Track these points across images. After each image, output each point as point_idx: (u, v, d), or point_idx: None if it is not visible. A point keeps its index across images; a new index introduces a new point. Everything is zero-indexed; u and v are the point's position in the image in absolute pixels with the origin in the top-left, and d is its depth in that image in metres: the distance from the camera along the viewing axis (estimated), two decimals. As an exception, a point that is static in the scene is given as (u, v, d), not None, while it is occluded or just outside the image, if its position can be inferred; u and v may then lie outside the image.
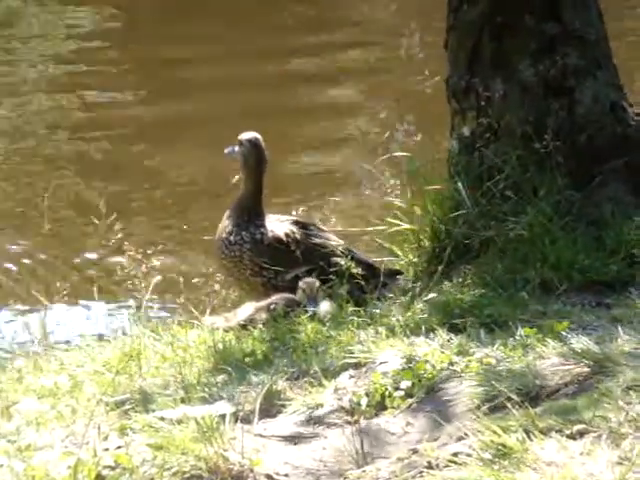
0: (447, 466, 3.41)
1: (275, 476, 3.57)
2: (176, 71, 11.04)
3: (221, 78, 10.77)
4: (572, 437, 3.45)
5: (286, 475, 3.59)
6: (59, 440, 3.72)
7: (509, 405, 3.60)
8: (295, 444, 3.79)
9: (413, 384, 4.00)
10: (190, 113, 9.99)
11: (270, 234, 5.22)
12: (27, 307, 5.87)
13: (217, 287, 5.24)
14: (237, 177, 5.34)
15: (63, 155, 9.16)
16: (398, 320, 4.60)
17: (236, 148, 5.31)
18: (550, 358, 3.99)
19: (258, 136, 5.30)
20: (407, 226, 5.35)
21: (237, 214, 5.26)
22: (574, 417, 3.53)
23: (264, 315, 4.90)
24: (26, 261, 7.20)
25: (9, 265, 6.90)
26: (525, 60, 5.28)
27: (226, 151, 5.37)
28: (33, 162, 9.01)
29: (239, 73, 10.94)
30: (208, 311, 5.02)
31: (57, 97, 10.51)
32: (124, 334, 4.70)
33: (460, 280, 4.97)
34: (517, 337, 4.27)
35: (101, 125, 9.81)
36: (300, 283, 4.99)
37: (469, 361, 4.08)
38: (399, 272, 5.33)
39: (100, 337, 4.85)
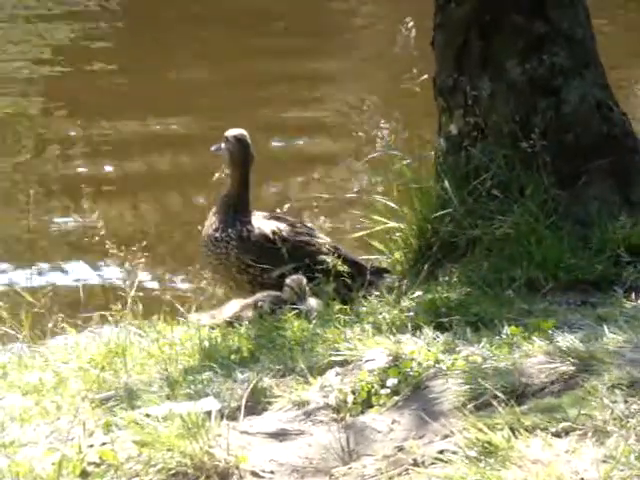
0: (433, 464, 3.41)
1: (261, 473, 3.57)
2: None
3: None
4: (557, 435, 3.46)
5: (272, 472, 3.59)
6: (44, 436, 3.70)
7: (495, 403, 3.61)
8: (281, 441, 3.78)
9: (399, 382, 4.00)
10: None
11: (257, 231, 5.20)
12: (11, 303, 5.84)
13: (203, 284, 5.23)
14: (217, 175, 5.32)
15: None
16: (385, 318, 4.60)
17: (222, 145, 5.30)
18: (536, 356, 4.00)
19: (244, 132, 5.29)
20: (394, 224, 5.35)
21: (223, 211, 5.24)
22: (559, 415, 3.53)
23: (250, 312, 4.89)
24: (8, 259, 7.18)
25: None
26: (512, 59, 5.29)
27: (212, 148, 5.36)
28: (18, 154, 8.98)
29: (226, 70, 10.94)
30: (194, 308, 5.01)
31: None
32: (109, 331, 4.68)
33: (446, 279, 4.98)
34: (503, 335, 4.27)
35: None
36: (287, 280, 4.98)
37: (455, 359, 4.08)
38: (386, 270, 5.32)
39: (85, 333, 4.82)
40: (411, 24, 5.39)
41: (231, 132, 5.30)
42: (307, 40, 12.04)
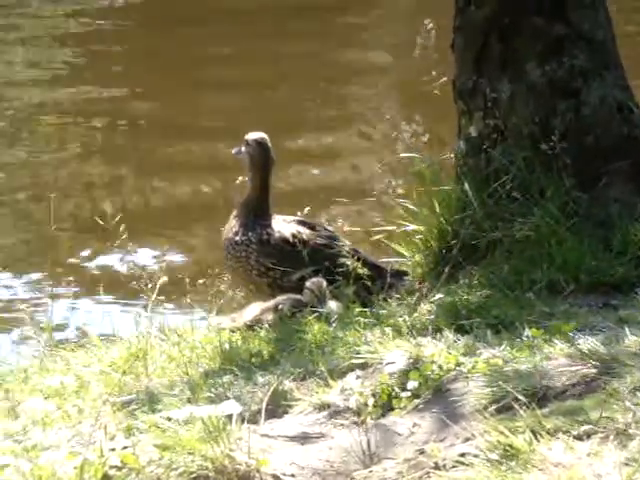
0: (454, 467, 3.41)
1: (282, 476, 3.57)
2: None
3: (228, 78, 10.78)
4: (579, 438, 3.45)
5: (292, 475, 3.59)
6: (65, 440, 3.71)
7: (516, 406, 3.60)
8: (302, 444, 3.78)
9: (420, 385, 3.99)
10: (202, 109, 10.00)
11: (277, 234, 5.21)
12: (33, 308, 5.87)
13: (223, 287, 5.24)
14: (240, 178, 5.33)
15: (70, 152, 9.17)
16: (405, 321, 4.59)
17: (243, 148, 5.31)
18: (557, 359, 3.98)
19: (265, 136, 5.29)
20: (414, 227, 5.34)
21: (244, 214, 5.26)
22: (581, 418, 3.52)
23: (270, 315, 4.90)
24: (32, 261, 7.21)
25: (15, 265, 6.91)
26: (532, 61, 5.27)
27: (233, 151, 5.37)
28: (39, 158, 9.02)
29: (243, 73, 10.95)
30: (214, 311, 5.02)
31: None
32: (131, 334, 4.69)
33: (467, 281, 4.96)
34: (524, 338, 4.26)
35: (106, 119, 9.81)
36: (307, 283, 4.98)
37: (476, 362, 4.07)
38: (405, 273, 5.32)
39: (107, 338, 4.84)
40: (430, 26, 5.39)
41: (252, 135, 5.31)
42: (324, 41, 12.06)
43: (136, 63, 11.62)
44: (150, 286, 4.76)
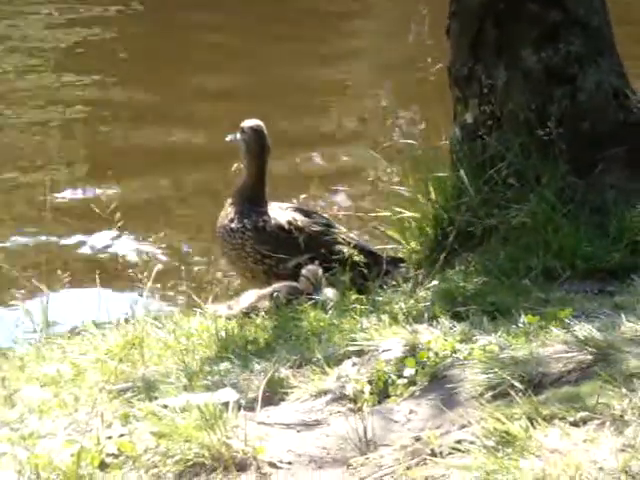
0: (450, 454, 3.41)
1: (278, 464, 3.57)
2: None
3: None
4: (575, 424, 3.45)
5: (289, 462, 3.59)
6: (62, 428, 3.71)
7: (512, 392, 3.60)
8: (298, 432, 3.78)
9: (416, 372, 3.99)
10: (196, 96, 9.98)
11: (272, 221, 5.21)
12: (28, 295, 5.86)
13: (219, 275, 5.24)
14: (236, 165, 5.32)
15: (66, 141, 9.16)
16: (401, 308, 4.59)
17: (238, 135, 5.30)
18: (553, 345, 3.99)
19: (260, 123, 5.28)
20: (410, 214, 5.34)
21: (239, 201, 5.25)
22: (577, 404, 3.52)
23: (266, 303, 4.90)
24: (27, 248, 7.20)
25: (10, 252, 6.90)
26: (528, 47, 5.26)
27: (228, 138, 5.36)
28: (37, 150, 9.00)
29: (247, 52, 10.94)
30: (210, 299, 5.02)
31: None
32: (126, 322, 4.69)
33: (463, 268, 4.96)
34: (520, 325, 4.26)
35: (101, 108, 9.80)
36: (303, 271, 4.98)
37: (472, 349, 4.07)
38: (402, 260, 5.32)
39: (102, 325, 4.84)
40: (424, 12, 5.38)
41: (247, 123, 5.29)
42: (320, 26, 12.03)
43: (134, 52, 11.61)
44: (145, 274, 4.75)
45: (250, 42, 11.23)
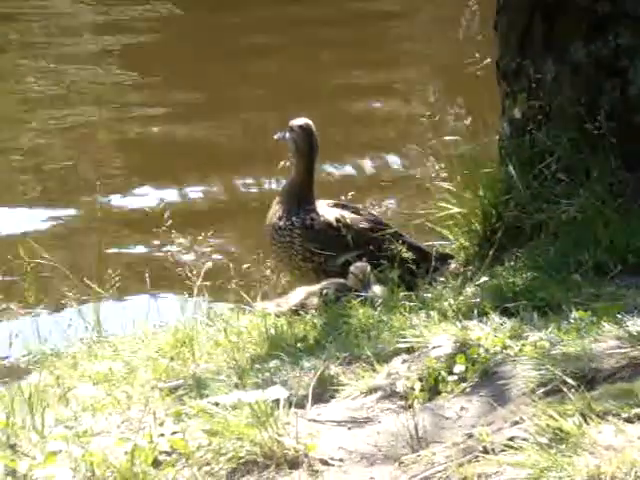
0: (503, 450, 3.39)
1: (330, 461, 3.58)
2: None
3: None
4: (630, 421, 3.42)
5: (341, 460, 3.59)
6: (115, 426, 3.75)
7: (565, 389, 3.57)
8: (349, 429, 3.78)
9: (467, 368, 3.98)
10: (241, 96, 10.01)
11: (321, 219, 5.21)
12: (80, 296, 5.92)
13: (268, 272, 5.25)
14: (282, 162, 5.33)
15: (109, 140, 9.23)
16: (450, 304, 4.58)
17: (287, 134, 5.30)
18: (605, 341, 3.95)
19: (309, 122, 5.29)
20: (458, 210, 5.32)
21: (287, 200, 5.26)
22: (631, 400, 3.49)
23: (315, 300, 4.90)
24: (77, 249, 7.27)
25: (61, 254, 6.97)
26: (577, 41, 5.22)
27: (276, 137, 5.37)
28: (79, 148, 9.09)
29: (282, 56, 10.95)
30: (259, 296, 5.04)
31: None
32: (177, 320, 4.72)
33: (512, 264, 4.93)
34: (571, 320, 4.23)
35: (147, 108, 9.87)
36: (351, 268, 4.98)
37: (523, 345, 4.04)
38: (450, 256, 5.30)
39: (153, 324, 4.87)
40: (475, 7, 5.35)
41: (296, 121, 5.30)
42: (367, 24, 12.02)
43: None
44: (195, 272, 4.78)
45: (296, 45, 11.23)
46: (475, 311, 4.45)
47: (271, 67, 10.82)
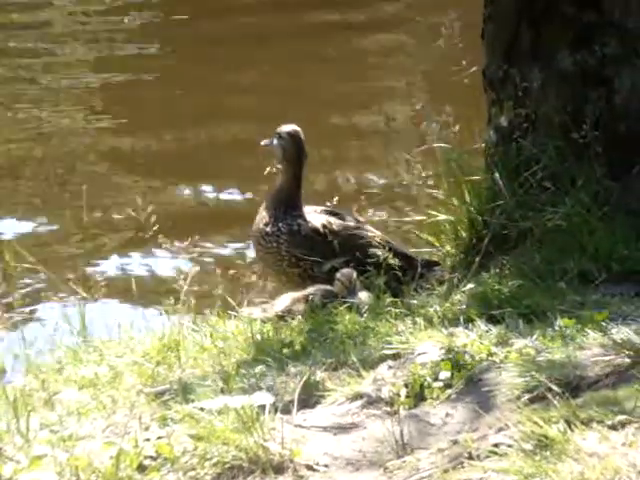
0: (488, 457, 3.40)
1: (315, 466, 3.58)
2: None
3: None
4: (614, 428, 3.43)
5: (326, 465, 3.60)
6: (100, 430, 3.74)
7: (549, 396, 3.59)
8: (335, 435, 3.79)
9: (452, 375, 3.99)
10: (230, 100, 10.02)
11: (307, 225, 5.22)
12: (65, 299, 5.91)
13: (254, 278, 5.26)
14: (268, 169, 5.33)
15: (98, 146, 9.23)
16: (436, 311, 4.59)
17: (274, 141, 5.30)
18: (590, 349, 3.97)
19: (298, 128, 5.29)
20: (444, 217, 5.33)
21: (274, 205, 5.26)
22: (615, 408, 3.51)
23: (302, 306, 4.91)
24: (63, 253, 7.26)
25: (46, 257, 6.96)
26: (563, 49, 5.25)
27: (262, 143, 5.37)
28: (67, 153, 9.08)
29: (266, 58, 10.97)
30: (245, 302, 5.04)
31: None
32: (163, 325, 4.72)
33: (498, 271, 4.95)
34: (556, 328, 4.25)
35: (130, 112, 9.87)
36: (337, 274, 4.99)
37: (508, 352, 4.06)
38: (436, 263, 5.31)
39: (138, 329, 4.87)
40: (453, 16, 5.38)
41: (284, 128, 5.29)
42: (351, 31, 12.04)
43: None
44: (182, 277, 4.78)
45: (281, 56, 11.25)
46: (461, 318, 4.47)
47: (255, 77, 10.83)
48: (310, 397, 4.02)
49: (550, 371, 3.80)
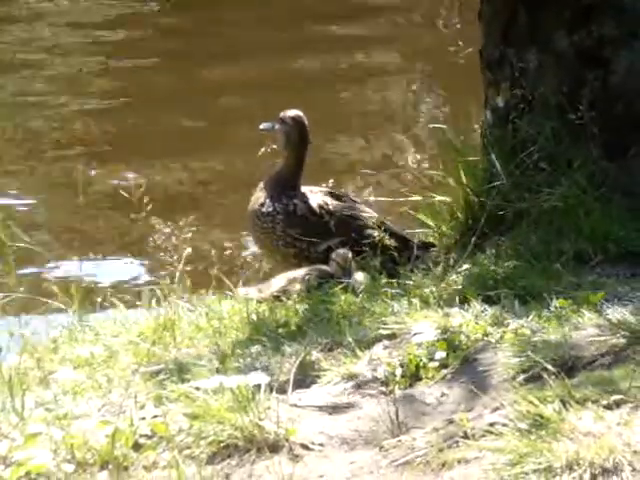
0: (483, 436, 3.41)
1: (310, 445, 3.59)
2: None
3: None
4: (609, 407, 3.44)
5: (321, 444, 3.60)
6: (96, 409, 3.74)
7: (545, 376, 3.59)
8: (330, 414, 3.79)
9: (448, 355, 4.00)
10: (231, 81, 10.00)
11: (303, 205, 5.21)
12: (61, 279, 5.90)
13: (250, 258, 5.25)
14: (263, 149, 5.30)
15: (95, 128, 9.20)
16: (432, 291, 4.59)
17: (277, 125, 5.26)
18: (585, 329, 3.98)
19: (301, 113, 5.25)
20: (440, 198, 5.33)
21: (271, 186, 5.25)
22: (611, 388, 3.51)
23: (297, 286, 4.91)
24: (60, 234, 7.25)
25: (44, 237, 6.96)
26: (560, 30, 5.23)
27: (262, 127, 5.32)
28: (64, 137, 9.05)
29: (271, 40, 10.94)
30: (241, 282, 5.03)
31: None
32: (158, 305, 4.71)
33: (494, 252, 4.95)
34: (552, 308, 4.25)
35: (129, 94, 9.84)
36: (333, 255, 4.98)
37: (504, 332, 4.07)
38: (432, 244, 5.31)
39: (135, 308, 4.86)
40: None
41: (288, 113, 5.25)
42: (347, 13, 12.00)
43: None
44: (176, 257, 4.77)
45: (276, 31, 11.22)
46: (456, 298, 4.47)
47: (254, 52, 10.80)
48: (306, 377, 4.03)
49: (546, 351, 3.80)
